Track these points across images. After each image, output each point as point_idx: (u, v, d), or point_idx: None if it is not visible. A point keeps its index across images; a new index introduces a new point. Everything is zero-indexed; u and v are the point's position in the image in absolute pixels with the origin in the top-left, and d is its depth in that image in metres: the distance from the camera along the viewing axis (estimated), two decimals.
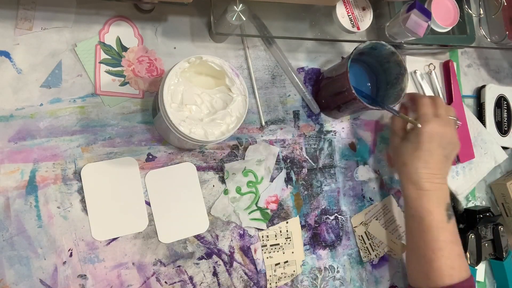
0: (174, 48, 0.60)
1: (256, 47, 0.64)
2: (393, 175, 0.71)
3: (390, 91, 0.63)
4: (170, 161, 0.57)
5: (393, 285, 0.69)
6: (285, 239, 0.62)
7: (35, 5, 0.54)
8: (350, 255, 0.66)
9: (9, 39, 0.52)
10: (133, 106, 0.57)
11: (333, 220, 0.66)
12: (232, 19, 0.54)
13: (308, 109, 0.67)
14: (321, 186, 0.66)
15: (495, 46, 0.74)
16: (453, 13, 0.68)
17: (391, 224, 0.69)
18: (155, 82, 0.58)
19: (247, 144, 0.62)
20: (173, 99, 0.49)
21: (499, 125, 0.79)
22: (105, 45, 0.56)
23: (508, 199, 0.76)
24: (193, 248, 0.57)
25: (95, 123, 0.55)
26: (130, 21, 0.58)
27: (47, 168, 0.52)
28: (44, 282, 0.50)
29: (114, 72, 0.56)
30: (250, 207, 0.61)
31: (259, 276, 0.60)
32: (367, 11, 0.64)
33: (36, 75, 0.53)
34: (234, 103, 0.50)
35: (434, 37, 0.68)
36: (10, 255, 0.49)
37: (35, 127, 0.52)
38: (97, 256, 0.53)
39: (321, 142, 0.67)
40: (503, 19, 0.73)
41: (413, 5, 0.59)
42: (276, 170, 0.63)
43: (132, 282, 0.54)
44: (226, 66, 0.50)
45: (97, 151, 0.54)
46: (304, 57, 0.67)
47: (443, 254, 0.56)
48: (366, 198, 0.68)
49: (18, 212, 0.50)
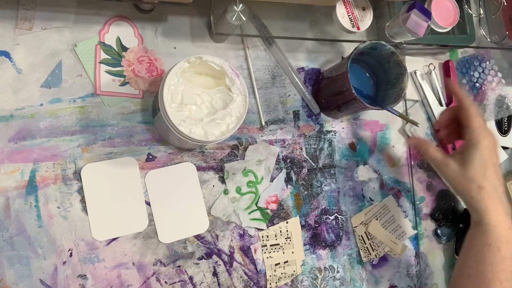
0: (174, 48, 0.60)
1: (256, 47, 0.64)
2: (393, 175, 0.71)
3: (390, 91, 0.63)
4: (170, 161, 0.57)
5: (393, 285, 0.69)
6: (285, 239, 0.62)
7: (35, 5, 0.54)
8: (350, 255, 0.66)
9: (9, 39, 0.52)
10: (133, 106, 0.57)
11: (333, 220, 0.66)
12: (232, 19, 0.54)
13: (308, 109, 0.67)
14: (321, 186, 0.66)
15: (495, 46, 0.74)
16: (453, 13, 0.68)
17: (391, 224, 0.69)
18: (155, 82, 0.58)
19: (247, 144, 0.62)
20: (173, 99, 0.49)
21: (499, 125, 0.79)
22: (105, 45, 0.56)
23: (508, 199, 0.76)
24: (193, 248, 0.57)
25: (95, 123, 0.55)
26: (130, 21, 0.58)
27: (47, 168, 0.52)
28: (44, 282, 0.50)
29: (114, 72, 0.56)
30: (250, 207, 0.61)
31: (259, 276, 0.60)
32: (367, 11, 0.64)
33: (36, 75, 0.53)
34: (234, 103, 0.50)
35: (434, 37, 0.68)
36: (10, 255, 0.49)
37: (35, 127, 0.52)
38: (97, 256, 0.53)
39: (321, 142, 0.67)
40: (503, 19, 0.74)
41: (413, 5, 0.59)
42: (276, 170, 0.63)
43: (132, 282, 0.54)
44: (226, 66, 0.50)
45: (97, 151, 0.54)
46: (304, 57, 0.67)
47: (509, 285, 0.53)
48: (366, 198, 0.68)
49: (18, 212, 0.50)
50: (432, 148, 0.59)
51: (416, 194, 0.72)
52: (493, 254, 0.53)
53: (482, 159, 0.54)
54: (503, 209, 0.54)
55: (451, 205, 0.74)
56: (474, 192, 0.55)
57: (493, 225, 0.53)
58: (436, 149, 0.59)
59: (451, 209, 0.74)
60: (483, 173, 0.54)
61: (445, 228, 0.72)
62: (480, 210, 0.54)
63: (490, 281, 0.53)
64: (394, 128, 0.72)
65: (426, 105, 0.73)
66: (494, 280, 0.53)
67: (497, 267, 0.53)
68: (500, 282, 0.53)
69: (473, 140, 0.55)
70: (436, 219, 0.72)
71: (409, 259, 0.70)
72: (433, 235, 0.72)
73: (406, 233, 0.70)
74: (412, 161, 0.72)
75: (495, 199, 0.54)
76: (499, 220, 0.53)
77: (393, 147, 0.71)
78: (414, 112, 0.73)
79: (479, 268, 0.54)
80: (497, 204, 0.54)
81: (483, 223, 0.54)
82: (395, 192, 0.71)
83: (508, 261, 0.53)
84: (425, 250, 0.71)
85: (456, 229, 0.73)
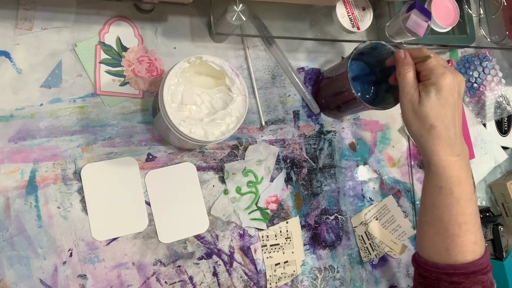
0: (174, 48, 0.60)
1: (256, 47, 0.64)
2: (393, 175, 0.71)
3: (390, 91, 0.63)
4: (170, 161, 0.57)
5: (393, 285, 0.69)
6: (285, 239, 0.62)
7: (35, 5, 0.54)
8: (350, 255, 0.66)
9: (9, 39, 0.52)
10: (133, 106, 0.57)
11: (333, 220, 0.66)
12: (232, 19, 0.54)
13: (308, 109, 0.67)
14: (321, 186, 0.66)
15: (495, 46, 0.74)
16: (453, 13, 0.68)
17: (391, 224, 0.69)
18: (155, 82, 0.58)
19: (247, 144, 0.62)
20: (173, 99, 0.49)
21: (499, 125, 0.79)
22: (105, 45, 0.56)
23: (508, 199, 0.76)
24: (193, 248, 0.57)
25: (95, 123, 0.55)
26: (130, 21, 0.58)
27: (47, 168, 0.52)
28: (44, 282, 0.50)
29: (114, 72, 0.56)
30: (250, 207, 0.61)
31: (259, 276, 0.60)
32: (367, 11, 0.64)
33: (36, 75, 0.53)
34: (234, 103, 0.50)
35: (434, 37, 0.69)
36: (10, 255, 0.49)
37: (35, 127, 0.52)
38: (97, 256, 0.53)
39: (321, 142, 0.67)
40: (503, 19, 0.74)
41: (413, 5, 0.59)
42: (276, 170, 0.63)
43: (132, 282, 0.54)
44: (226, 66, 0.50)
45: (97, 151, 0.54)
46: (304, 57, 0.67)
47: (468, 228, 0.50)
48: (366, 198, 0.68)
49: (18, 212, 0.50)
50: (412, 72, 0.53)
51: (416, 194, 0.72)
52: (446, 197, 0.51)
53: (439, 97, 0.50)
54: (451, 150, 0.51)
55: None
56: (424, 131, 0.52)
57: (442, 166, 0.51)
58: (415, 76, 0.53)
59: None
60: (437, 112, 0.50)
61: None
62: (428, 149, 0.52)
63: (448, 225, 0.51)
64: (394, 128, 0.72)
65: None
66: (451, 224, 0.51)
67: (452, 209, 0.51)
68: (459, 225, 0.50)
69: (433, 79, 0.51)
70: None
71: (409, 259, 0.70)
72: None
73: (406, 233, 0.70)
74: (412, 161, 0.72)
75: (445, 140, 0.51)
76: (448, 161, 0.51)
77: (393, 147, 0.71)
78: None
79: (436, 213, 0.52)
80: (445, 145, 0.51)
81: (431, 163, 0.52)
82: (395, 192, 0.71)
83: (464, 202, 0.50)
84: None
85: None
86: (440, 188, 0.51)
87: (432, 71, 0.51)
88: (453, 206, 0.51)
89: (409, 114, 0.53)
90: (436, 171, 0.51)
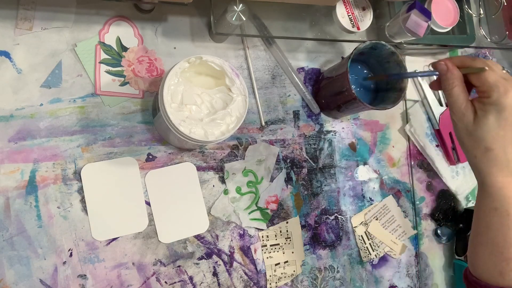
0: (174, 48, 0.60)
1: (256, 47, 0.64)
2: (393, 175, 0.71)
3: (390, 91, 0.63)
4: (170, 161, 0.57)
5: (393, 285, 0.69)
6: (285, 239, 0.62)
7: (35, 5, 0.54)
8: (350, 255, 0.66)
9: (9, 39, 0.52)
10: (133, 106, 0.57)
11: (333, 220, 0.66)
12: (232, 19, 0.54)
13: (308, 109, 0.67)
14: (321, 186, 0.66)
15: (495, 46, 0.74)
16: (453, 13, 0.68)
17: (391, 224, 0.69)
18: (155, 82, 0.58)
19: (247, 144, 0.62)
20: (173, 99, 0.49)
21: None
22: (105, 45, 0.56)
23: None
24: (193, 248, 0.57)
25: (95, 123, 0.55)
26: (130, 21, 0.58)
27: (47, 168, 0.52)
28: (44, 282, 0.50)
29: (114, 72, 0.56)
30: (250, 207, 0.61)
31: (259, 276, 0.60)
32: (367, 11, 0.64)
33: (36, 75, 0.53)
34: (234, 103, 0.50)
35: (434, 37, 0.68)
36: (10, 255, 0.49)
37: (35, 127, 0.52)
38: (97, 256, 0.53)
39: (321, 142, 0.67)
40: (503, 19, 0.73)
41: (413, 5, 0.59)
42: (276, 170, 0.63)
43: (132, 282, 0.54)
44: (226, 66, 0.50)
45: (97, 151, 0.54)
46: (304, 57, 0.67)
47: None
48: (366, 198, 0.68)
49: (18, 212, 0.50)
50: (461, 87, 0.48)
51: (416, 194, 0.72)
52: (502, 219, 0.48)
53: (499, 118, 0.46)
54: (508, 171, 0.47)
55: (451, 205, 0.74)
56: (479, 152, 0.48)
57: (498, 187, 0.48)
58: (463, 89, 0.48)
59: (451, 209, 0.74)
60: (495, 134, 0.47)
61: (445, 228, 0.72)
62: (481, 171, 0.49)
63: (503, 248, 0.48)
64: (394, 128, 0.72)
65: (426, 105, 0.73)
66: (507, 247, 0.48)
67: (508, 232, 0.48)
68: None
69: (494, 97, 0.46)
70: (436, 219, 0.72)
71: (409, 259, 0.70)
72: (433, 235, 0.72)
73: (406, 233, 0.70)
74: (412, 161, 0.72)
75: (502, 162, 0.47)
76: (504, 182, 0.47)
77: (393, 147, 0.71)
78: (414, 112, 0.73)
79: (490, 235, 0.49)
80: (502, 167, 0.47)
81: (485, 184, 0.49)
82: (395, 192, 0.71)
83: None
84: (425, 250, 0.71)
85: (456, 229, 0.73)
86: (495, 210, 0.48)
87: (492, 88, 0.46)
88: (509, 229, 0.48)
89: (461, 133, 0.49)
90: (491, 192, 0.48)
